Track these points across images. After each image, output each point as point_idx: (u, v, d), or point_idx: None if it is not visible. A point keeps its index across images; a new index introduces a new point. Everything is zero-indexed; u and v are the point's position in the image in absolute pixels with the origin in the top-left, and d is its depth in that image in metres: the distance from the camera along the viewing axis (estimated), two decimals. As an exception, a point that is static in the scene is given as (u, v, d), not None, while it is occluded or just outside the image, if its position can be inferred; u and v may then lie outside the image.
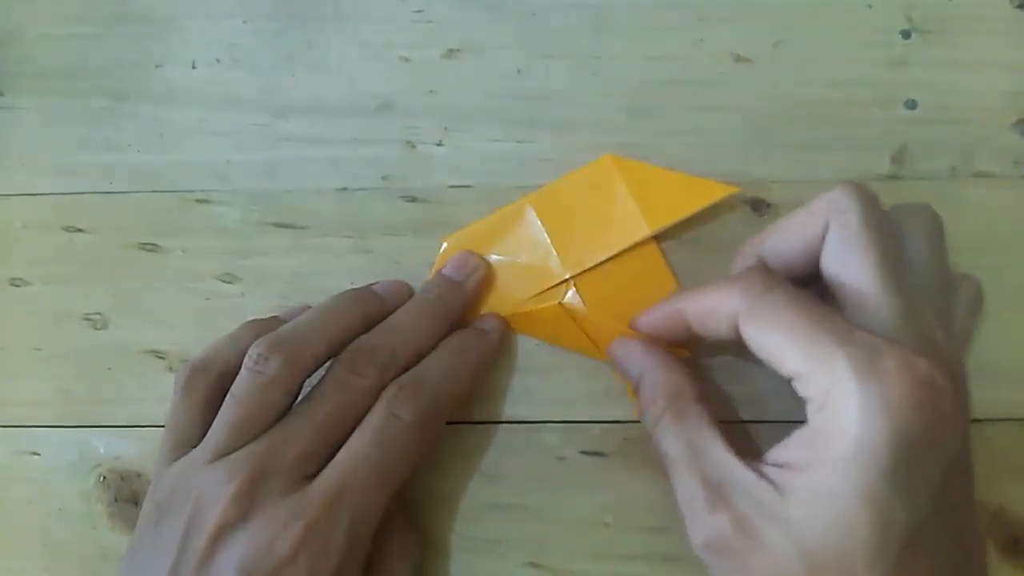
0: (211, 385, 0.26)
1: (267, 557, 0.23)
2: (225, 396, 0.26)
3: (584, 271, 0.29)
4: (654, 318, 0.26)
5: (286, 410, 0.25)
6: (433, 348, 0.27)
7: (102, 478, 0.30)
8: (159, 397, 0.30)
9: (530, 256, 0.29)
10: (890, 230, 0.23)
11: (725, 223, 0.29)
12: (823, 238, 0.23)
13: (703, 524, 0.22)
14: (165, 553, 0.23)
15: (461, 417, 0.29)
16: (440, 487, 0.29)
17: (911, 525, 0.19)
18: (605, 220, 0.29)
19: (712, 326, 0.24)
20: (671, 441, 0.24)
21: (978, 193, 0.29)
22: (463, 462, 0.28)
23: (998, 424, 0.28)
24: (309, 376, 0.26)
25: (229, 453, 0.24)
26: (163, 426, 0.29)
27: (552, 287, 0.29)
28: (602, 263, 0.29)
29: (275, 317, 0.28)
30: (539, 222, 0.29)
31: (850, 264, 0.22)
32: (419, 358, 0.27)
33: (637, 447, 0.28)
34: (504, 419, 0.29)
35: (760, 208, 0.29)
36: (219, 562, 0.23)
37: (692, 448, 0.23)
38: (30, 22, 0.33)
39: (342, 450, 0.25)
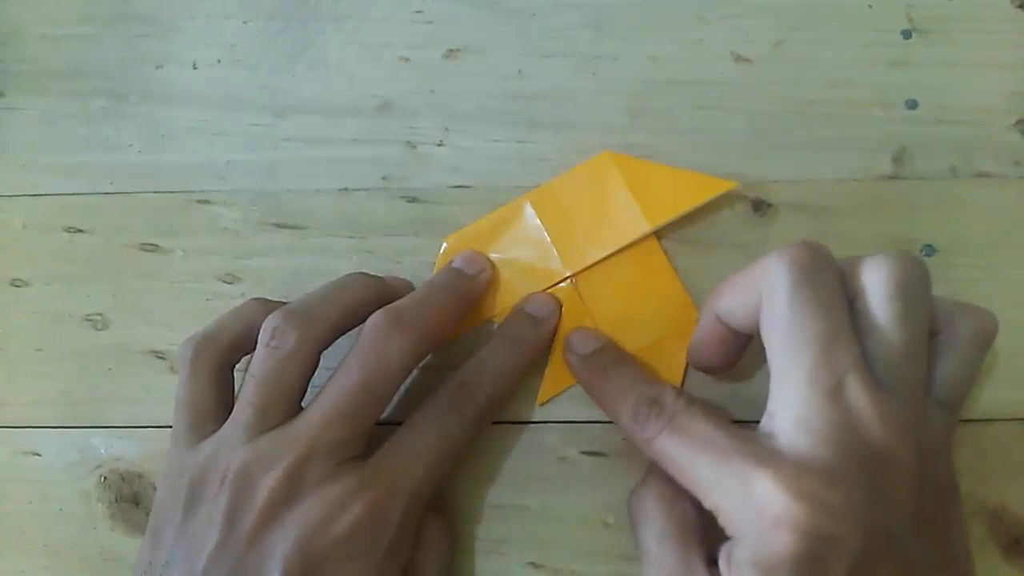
0: (221, 357, 0.26)
1: (325, 534, 0.23)
2: (234, 368, 0.26)
3: (584, 269, 0.29)
4: (699, 335, 0.26)
5: (308, 380, 0.25)
6: (447, 331, 0.27)
7: (103, 479, 0.30)
8: (160, 398, 0.30)
9: (530, 254, 0.29)
10: (823, 302, 0.21)
11: (726, 223, 0.29)
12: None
13: None
14: (207, 533, 0.23)
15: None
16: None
17: None
18: (605, 217, 0.29)
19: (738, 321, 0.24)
20: (658, 544, 0.23)
21: (978, 193, 0.29)
22: (464, 462, 0.28)
23: (998, 424, 0.28)
24: (327, 347, 0.26)
25: (262, 432, 0.24)
26: (164, 426, 0.29)
27: (553, 285, 0.29)
28: (602, 260, 0.29)
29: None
30: (538, 220, 0.29)
31: (769, 342, 0.22)
32: (441, 335, 0.27)
33: (637, 447, 0.28)
34: (504, 419, 0.29)
35: (761, 208, 0.29)
36: (272, 539, 0.23)
37: (677, 558, 0.23)
38: (30, 22, 0.33)
39: (403, 434, 0.25)
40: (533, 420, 0.29)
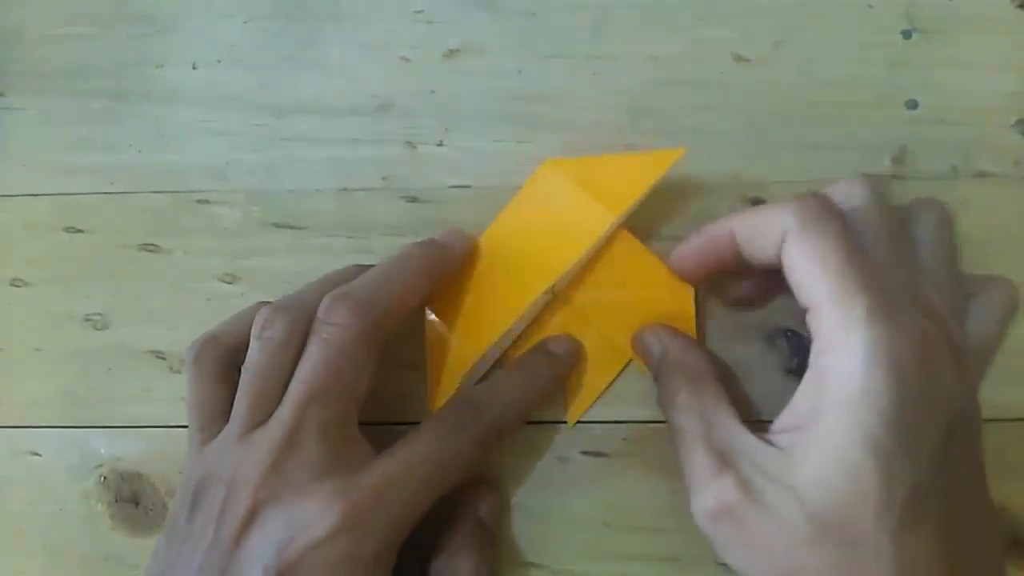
0: (223, 356, 0.26)
1: (303, 535, 0.22)
2: (240, 369, 0.26)
3: (566, 278, 0.28)
4: (699, 241, 0.26)
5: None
6: (410, 304, 0.26)
7: (103, 478, 0.30)
8: (160, 397, 0.30)
9: (508, 287, 0.28)
10: (858, 240, 0.22)
11: (725, 223, 0.29)
12: (783, 239, 0.23)
13: (708, 491, 0.22)
14: (200, 537, 0.23)
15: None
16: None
17: (915, 482, 0.20)
18: (567, 224, 0.28)
19: (759, 245, 0.24)
20: (685, 415, 0.24)
21: (978, 193, 0.29)
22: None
23: (998, 424, 0.28)
24: None
25: (255, 428, 0.24)
26: (164, 426, 0.29)
27: (540, 305, 0.28)
28: (584, 270, 0.28)
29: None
30: (502, 255, 0.28)
31: (793, 279, 0.22)
32: (401, 310, 0.26)
33: (637, 447, 0.28)
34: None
35: (760, 208, 0.29)
36: (253, 540, 0.23)
37: (704, 420, 0.23)
38: (30, 22, 0.33)
39: (401, 445, 0.25)
40: (533, 420, 0.29)
